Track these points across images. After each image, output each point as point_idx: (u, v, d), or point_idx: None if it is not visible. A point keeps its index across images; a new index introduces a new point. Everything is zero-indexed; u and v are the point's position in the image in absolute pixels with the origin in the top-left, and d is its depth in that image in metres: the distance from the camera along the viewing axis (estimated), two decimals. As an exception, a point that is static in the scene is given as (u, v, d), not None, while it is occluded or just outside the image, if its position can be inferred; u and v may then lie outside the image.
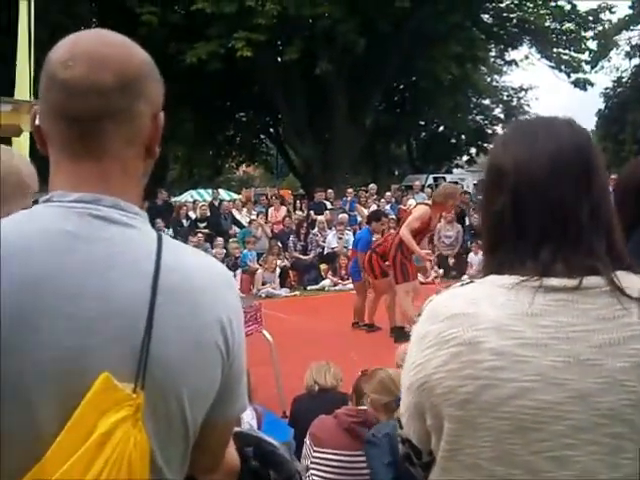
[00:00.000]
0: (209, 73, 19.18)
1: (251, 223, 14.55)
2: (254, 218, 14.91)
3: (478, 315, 1.07)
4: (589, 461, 1.03)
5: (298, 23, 19.16)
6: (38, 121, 1.04)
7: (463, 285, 1.16)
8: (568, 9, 24.67)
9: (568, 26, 25.21)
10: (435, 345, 1.09)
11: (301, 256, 14.02)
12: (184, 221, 14.82)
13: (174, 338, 0.97)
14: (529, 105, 34.63)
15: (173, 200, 19.82)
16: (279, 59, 21.08)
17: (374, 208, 14.20)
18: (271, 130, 27.77)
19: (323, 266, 13.64)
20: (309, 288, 13.08)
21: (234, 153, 30.72)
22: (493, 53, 28.87)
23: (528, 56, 28.42)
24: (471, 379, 1.05)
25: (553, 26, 25.25)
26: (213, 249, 12.63)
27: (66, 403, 0.90)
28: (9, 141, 5.38)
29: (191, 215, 15.21)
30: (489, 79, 33.35)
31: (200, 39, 18.84)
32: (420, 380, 1.11)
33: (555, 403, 1.03)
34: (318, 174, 21.84)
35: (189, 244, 8.01)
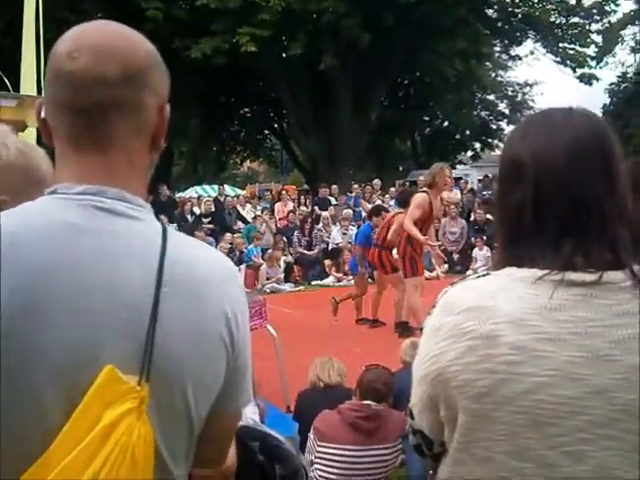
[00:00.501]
0: (213, 68, 19.14)
1: (256, 219, 14.55)
2: (259, 214, 14.91)
3: (495, 308, 1.06)
4: (604, 456, 1.03)
5: (302, 18, 19.09)
6: (44, 114, 1.03)
7: (479, 277, 1.15)
8: (573, 3, 24.58)
9: (573, 20, 25.12)
10: (451, 337, 1.08)
11: (305, 251, 14.04)
12: (189, 216, 14.83)
13: (179, 330, 0.97)
14: (534, 100, 34.48)
15: (177, 196, 19.82)
16: (284, 54, 21.02)
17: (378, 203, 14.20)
18: (275, 125, 27.72)
19: (327, 262, 13.63)
20: (313, 283, 13.08)
21: (238, 148, 30.61)
22: (498, 48, 28.74)
23: (533, 51, 28.34)
24: (488, 373, 1.05)
25: (558, 21, 25.14)
26: (218, 245, 12.62)
27: (74, 395, 0.90)
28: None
29: (195, 211, 15.21)
30: (494, 74, 33.20)
31: (204, 34, 18.79)
32: (435, 372, 1.11)
33: (573, 398, 1.03)
34: (323, 169, 21.82)
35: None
